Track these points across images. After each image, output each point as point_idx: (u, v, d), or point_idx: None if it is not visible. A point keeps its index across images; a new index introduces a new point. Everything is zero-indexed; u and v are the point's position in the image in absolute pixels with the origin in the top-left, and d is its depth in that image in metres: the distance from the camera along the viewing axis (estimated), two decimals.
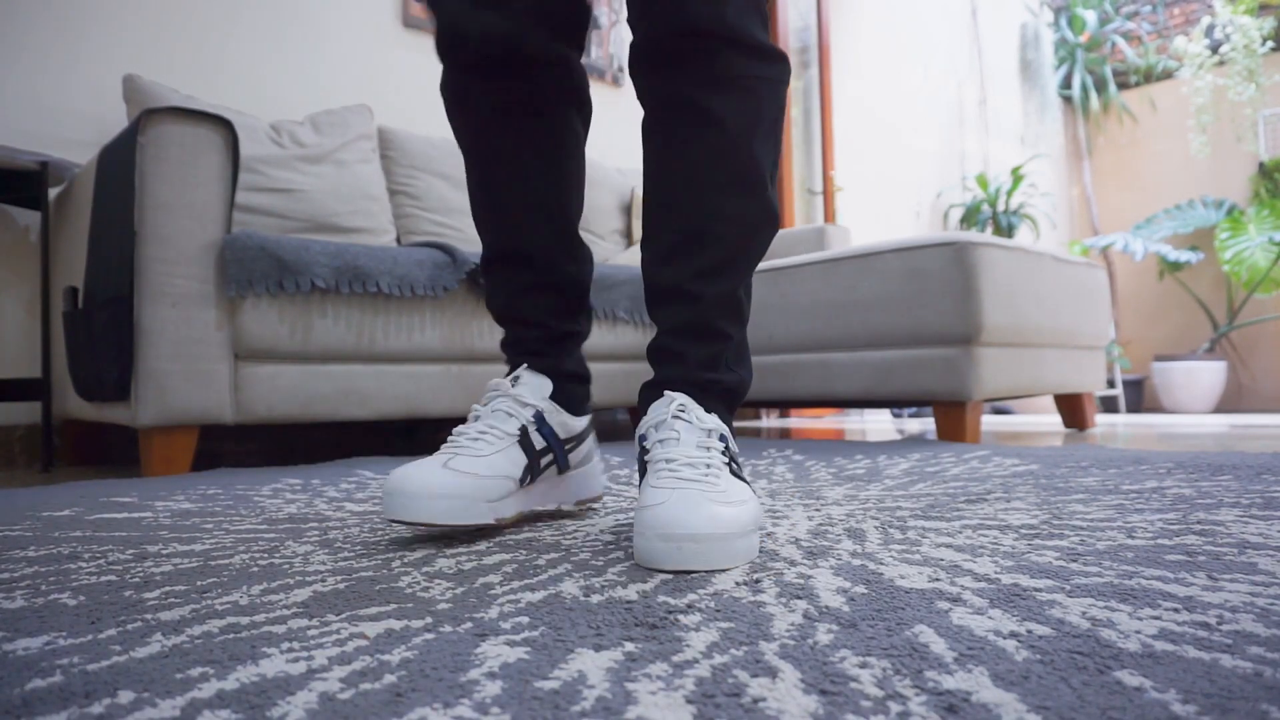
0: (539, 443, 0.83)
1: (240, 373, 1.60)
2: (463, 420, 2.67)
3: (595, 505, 0.97)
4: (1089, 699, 0.36)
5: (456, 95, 0.87)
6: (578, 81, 0.89)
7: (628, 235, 2.89)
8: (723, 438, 0.76)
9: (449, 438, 0.81)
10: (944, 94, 4.96)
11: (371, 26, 2.62)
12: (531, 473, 0.83)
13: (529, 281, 0.90)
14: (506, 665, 0.42)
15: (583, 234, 2.73)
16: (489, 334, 1.91)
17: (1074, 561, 0.63)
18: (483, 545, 0.75)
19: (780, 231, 3.02)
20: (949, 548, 0.70)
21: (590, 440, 0.92)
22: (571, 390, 0.90)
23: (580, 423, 0.90)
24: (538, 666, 0.41)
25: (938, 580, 0.58)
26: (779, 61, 0.81)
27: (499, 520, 0.78)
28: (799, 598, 0.54)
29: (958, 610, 0.50)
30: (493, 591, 0.57)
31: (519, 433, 0.81)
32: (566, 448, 0.87)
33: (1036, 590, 0.54)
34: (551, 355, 0.90)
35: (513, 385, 0.85)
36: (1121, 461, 1.33)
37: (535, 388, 0.85)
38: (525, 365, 0.88)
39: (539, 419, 0.83)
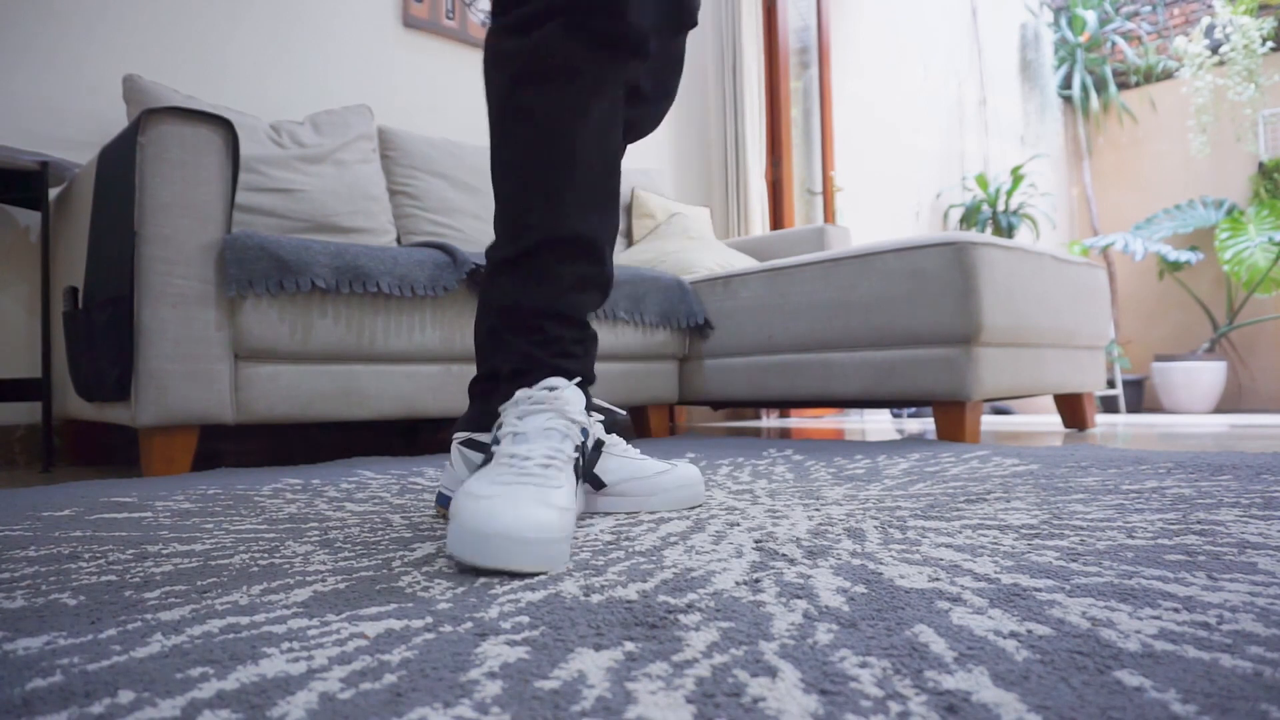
0: (580, 463, 0.76)
1: (240, 373, 1.60)
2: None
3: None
4: (1089, 699, 0.36)
5: (543, 55, 0.75)
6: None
7: (628, 235, 2.89)
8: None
9: (506, 460, 0.70)
10: (944, 94, 4.96)
11: (371, 26, 2.63)
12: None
13: (582, 274, 0.82)
14: (506, 665, 0.42)
15: None
16: None
17: (1074, 561, 0.63)
18: None
19: (780, 232, 3.02)
20: (949, 548, 0.70)
21: None
22: (590, 397, 0.87)
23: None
24: (538, 666, 0.41)
25: (938, 580, 0.58)
26: None
27: None
28: (799, 597, 0.54)
29: (958, 610, 0.50)
30: (493, 591, 0.57)
31: (577, 455, 0.73)
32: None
33: (1036, 590, 0.54)
34: (582, 358, 0.85)
35: (555, 397, 0.76)
36: (1121, 461, 1.33)
37: (577, 402, 0.76)
38: (565, 376, 0.81)
39: (585, 437, 0.77)
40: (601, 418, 0.89)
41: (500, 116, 0.79)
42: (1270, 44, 5.18)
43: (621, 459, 0.88)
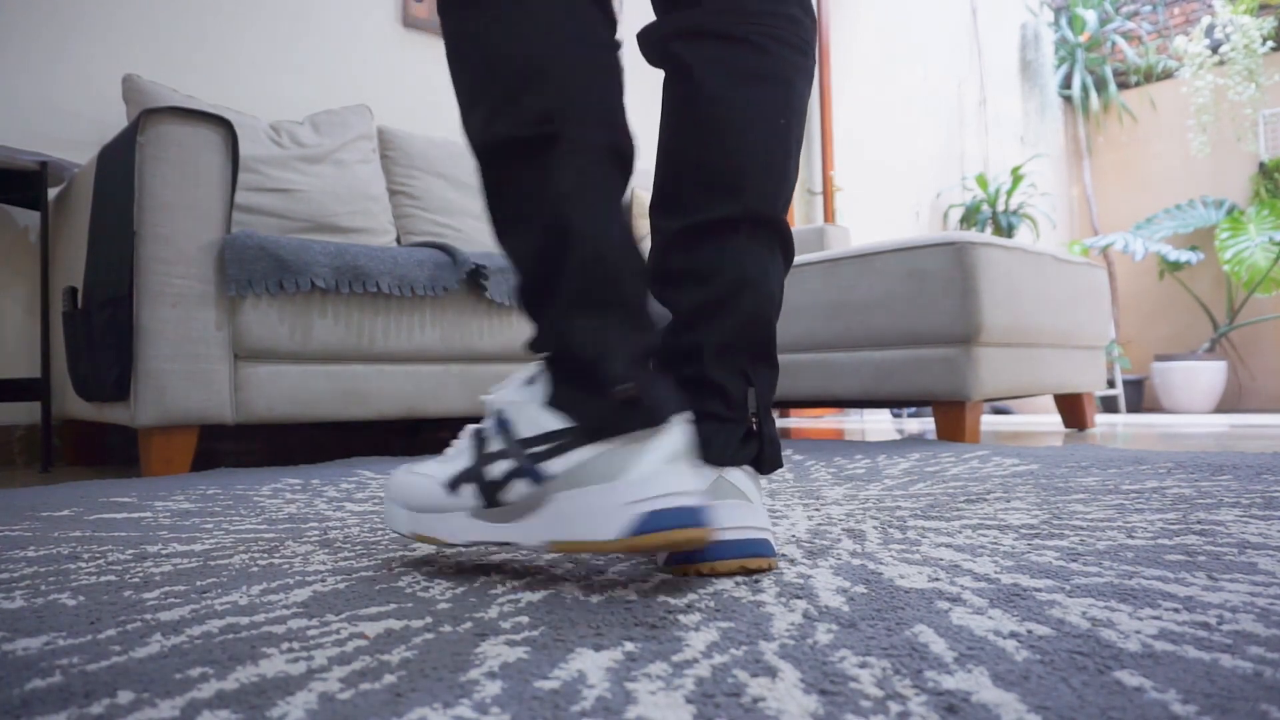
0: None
1: (240, 373, 1.60)
2: (461, 420, 2.67)
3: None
4: (1089, 699, 0.36)
5: None
6: None
7: None
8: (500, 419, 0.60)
9: None
10: (944, 94, 4.96)
11: (371, 26, 2.62)
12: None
13: None
14: (506, 665, 0.42)
15: None
16: (489, 334, 1.91)
17: (1074, 561, 0.63)
18: (482, 545, 0.75)
19: None
20: (949, 547, 0.70)
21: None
22: None
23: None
24: (538, 666, 0.41)
25: (937, 580, 0.58)
26: None
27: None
28: (799, 597, 0.54)
29: (957, 610, 0.50)
30: (493, 591, 0.57)
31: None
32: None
33: (1036, 590, 0.54)
34: None
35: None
36: (1121, 461, 1.33)
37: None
38: None
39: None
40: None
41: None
42: (1270, 44, 5.18)
43: None
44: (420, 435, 2.59)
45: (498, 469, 0.59)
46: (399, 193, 2.40)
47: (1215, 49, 5.40)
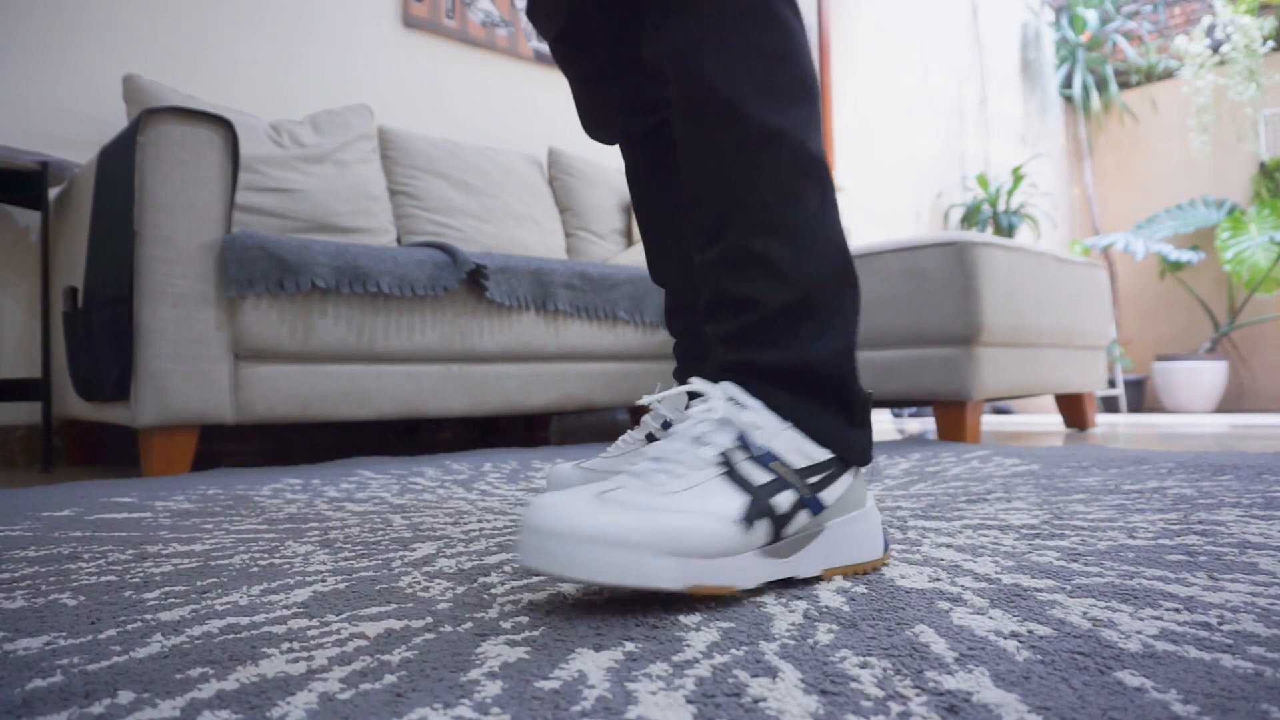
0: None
1: (240, 373, 1.60)
2: (461, 420, 2.67)
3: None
4: (1090, 699, 0.35)
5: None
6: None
7: (628, 235, 2.89)
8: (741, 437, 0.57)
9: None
10: (944, 94, 4.96)
11: (371, 26, 2.62)
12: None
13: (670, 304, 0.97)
14: (507, 665, 0.42)
15: (582, 234, 2.73)
16: (489, 334, 1.91)
17: (1075, 561, 0.63)
18: (482, 545, 0.75)
19: None
20: (949, 548, 0.70)
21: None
22: None
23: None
24: (538, 666, 0.41)
25: (938, 580, 0.58)
26: None
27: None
28: (799, 598, 0.54)
29: (958, 610, 0.50)
30: (493, 591, 0.57)
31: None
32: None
33: (1037, 590, 0.54)
34: None
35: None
36: (1122, 461, 1.33)
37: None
38: None
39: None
40: None
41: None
42: (1271, 43, 5.18)
43: None
44: (420, 435, 2.59)
45: (784, 501, 0.56)
46: (399, 192, 2.40)
47: (1216, 49, 5.40)
